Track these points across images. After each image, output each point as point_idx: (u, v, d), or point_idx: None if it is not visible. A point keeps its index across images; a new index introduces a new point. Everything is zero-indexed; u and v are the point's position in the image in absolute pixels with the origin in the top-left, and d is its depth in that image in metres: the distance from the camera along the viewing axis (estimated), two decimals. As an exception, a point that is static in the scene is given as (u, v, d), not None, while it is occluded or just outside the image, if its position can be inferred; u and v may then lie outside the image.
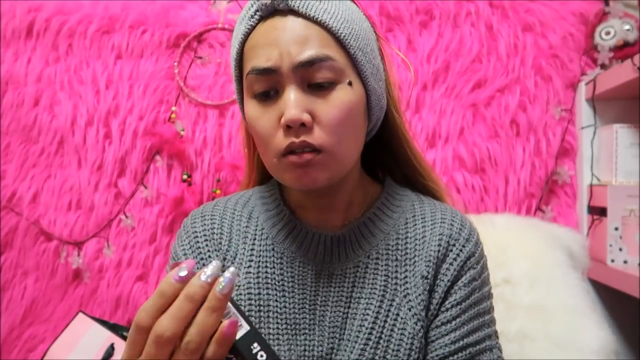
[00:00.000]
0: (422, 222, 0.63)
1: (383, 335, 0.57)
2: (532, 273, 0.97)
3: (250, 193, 0.69)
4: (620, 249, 1.07)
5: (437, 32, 1.21)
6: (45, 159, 1.20)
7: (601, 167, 1.16)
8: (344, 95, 0.54)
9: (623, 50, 1.14)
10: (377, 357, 0.56)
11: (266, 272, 0.61)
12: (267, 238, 0.63)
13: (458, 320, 0.58)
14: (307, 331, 0.59)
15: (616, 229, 1.07)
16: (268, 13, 0.54)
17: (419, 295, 0.59)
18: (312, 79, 0.53)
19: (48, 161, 1.20)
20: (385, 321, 0.58)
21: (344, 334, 0.58)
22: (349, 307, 0.59)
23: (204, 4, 1.23)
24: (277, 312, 0.59)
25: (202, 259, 0.63)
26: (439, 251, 0.60)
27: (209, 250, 0.63)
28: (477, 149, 1.18)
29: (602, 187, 1.11)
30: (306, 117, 0.52)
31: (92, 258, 1.18)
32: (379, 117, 0.62)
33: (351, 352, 0.57)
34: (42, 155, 1.20)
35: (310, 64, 0.52)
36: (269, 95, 0.54)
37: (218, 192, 1.18)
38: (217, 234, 0.64)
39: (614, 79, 1.07)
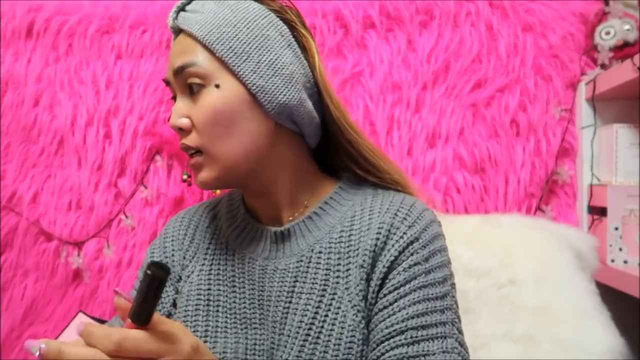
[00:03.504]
0: (369, 214, 0.61)
1: (324, 330, 0.56)
2: (538, 274, 0.95)
3: (223, 196, 0.74)
4: (620, 249, 1.07)
5: (437, 32, 1.20)
6: (45, 159, 1.19)
7: (601, 167, 1.16)
8: (210, 98, 0.57)
9: (623, 50, 1.14)
10: (317, 352, 0.55)
11: (218, 268, 0.65)
12: (223, 236, 0.67)
13: (396, 304, 0.56)
14: (257, 326, 0.60)
15: (616, 229, 1.07)
16: (175, 33, 0.63)
17: (357, 285, 0.58)
18: (186, 84, 0.59)
19: (48, 161, 1.19)
20: (327, 315, 0.57)
21: (284, 329, 0.58)
22: (290, 302, 0.59)
23: (204, 4, 1.23)
24: (226, 307, 0.62)
25: (166, 257, 0.68)
26: (378, 239, 0.59)
27: (173, 249, 0.68)
28: (477, 149, 1.18)
29: (602, 187, 1.11)
30: (182, 122, 0.58)
31: (92, 258, 1.18)
32: (294, 113, 0.60)
33: (291, 349, 0.56)
34: (42, 155, 1.19)
35: (180, 70, 0.58)
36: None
37: (217, 191, 1.18)
38: (182, 234, 0.69)
39: (614, 79, 1.07)
